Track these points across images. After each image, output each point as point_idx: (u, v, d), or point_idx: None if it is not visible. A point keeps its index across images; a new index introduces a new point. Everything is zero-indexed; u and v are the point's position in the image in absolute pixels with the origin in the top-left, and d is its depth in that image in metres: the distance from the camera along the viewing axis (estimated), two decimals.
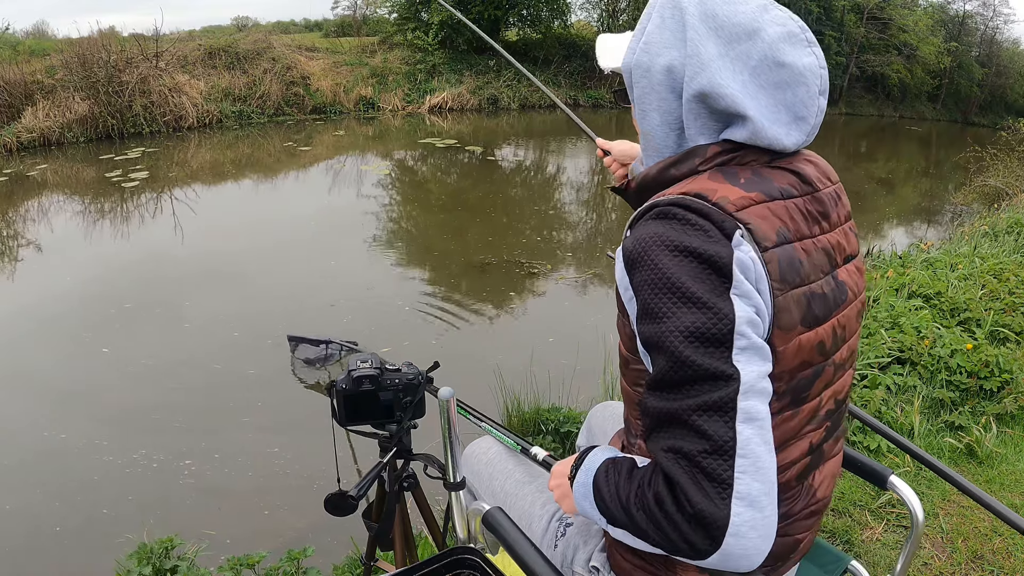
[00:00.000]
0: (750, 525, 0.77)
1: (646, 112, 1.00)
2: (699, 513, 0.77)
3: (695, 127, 0.96)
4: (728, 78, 0.91)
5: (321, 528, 2.95)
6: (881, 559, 2.34)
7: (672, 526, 0.80)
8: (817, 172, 1.01)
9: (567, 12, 21.68)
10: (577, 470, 0.97)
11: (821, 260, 0.95)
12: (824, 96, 0.94)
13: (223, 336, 4.96)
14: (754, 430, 0.79)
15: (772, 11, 0.94)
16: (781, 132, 0.93)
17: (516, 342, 4.99)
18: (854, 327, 1.04)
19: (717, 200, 0.87)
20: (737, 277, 0.82)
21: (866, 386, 3.36)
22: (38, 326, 5.16)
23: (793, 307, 0.88)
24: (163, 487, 3.36)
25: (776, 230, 0.89)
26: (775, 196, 0.92)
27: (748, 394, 0.80)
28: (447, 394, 1.19)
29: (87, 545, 2.98)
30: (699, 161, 0.94)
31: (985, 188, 11.09)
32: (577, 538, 1.18)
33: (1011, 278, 4.66)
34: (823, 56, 0.95)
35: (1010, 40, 30.30)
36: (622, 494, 0.88)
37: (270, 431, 3.80)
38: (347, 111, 16.82)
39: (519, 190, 10.97)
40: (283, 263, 6.68)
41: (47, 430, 3.81)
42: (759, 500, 0.78)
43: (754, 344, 0.82)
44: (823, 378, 0.97)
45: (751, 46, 0.91)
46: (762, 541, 0.78)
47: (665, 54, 0.96)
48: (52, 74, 13.16)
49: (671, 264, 0.83)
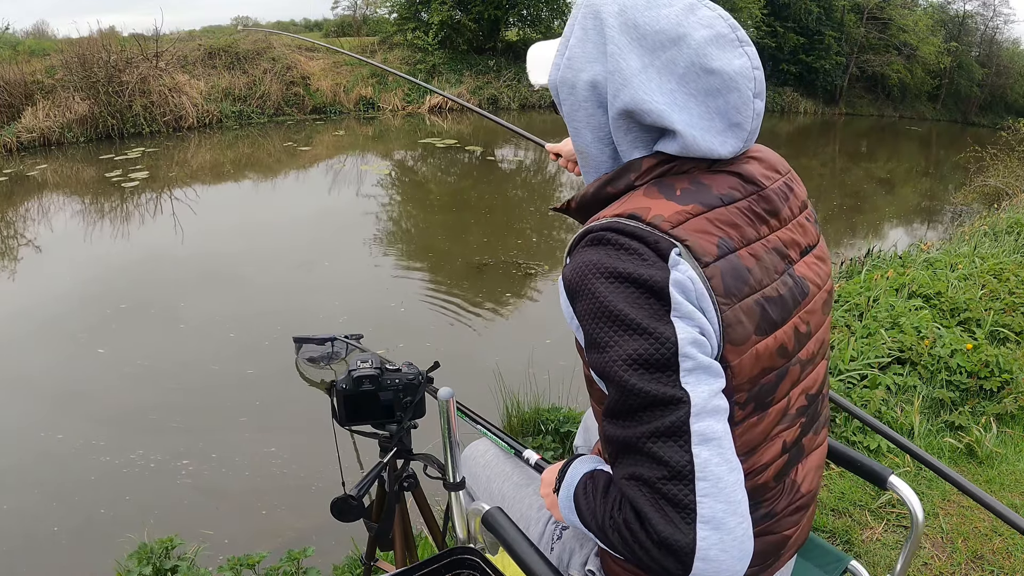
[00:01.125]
0: (719, 548, 0.77)
1: (578, 130, 0.97)
2: (664, 540, 0.77)
3: (626, 142, 0.93)
4: (653, 91, 0.87)
5: (321, 528, 2.96)
6: (881, 559, 2.34)
7: (644, 551, 0.80)
8: (762, 168, 0.97)
9: (567, 12, 21.69)
10: (560, 483, 0.97)
11: (773, 261, 0.92)
12: (760, 99, 0.90)
13: (220, 336, 4.97)
14: (711, 451, 0.78)
15: (700, 11, 0.89)
16: (716, 141, 0.89)
17: (516, 342, 4.99)
18: (820, 319, 1.00)
19: (651, 219, 0.84)
20: (676, 299, 0.80)
21: (866, 386, 3.36)
22: (36, 326, 5.16)
23: (744, 318, 0.85)
24: (161, 487, 3.35)
25: (717, 242, 0.85)
26: (714, 204, 0.88)
27: (701, 415, 0.78)
28: (447, 394, 1.19)
29: (85, 545, 2.98)
30: (635, 176, 0.91)
31: (985, 188, 11.10)
32: (573, 542, 1.18)
33: (1011, 278, 4.66)
34: (757, 56, 0.90)
35: (1010, 40, 30.39)
36: (598, 514, 0.87)
37: (267, 431, 3.80)
38: (347, 111, 16.83)
39: (519, 190, 10.97)
40: (281, 263, 6.68)
41: (44, 430, 3.81)
42: (725, 521, 0.77)
43: (701, 364, 0.80)
44: (789, 378, 0.94)
45: (676, 53, 0.87)
46: (733, 560, 0.78)
47: (588, 69, 0.92)
48: (52, 74, 13.16)
49: (608, 292, 0.81)
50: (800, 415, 0.99)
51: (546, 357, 4.37)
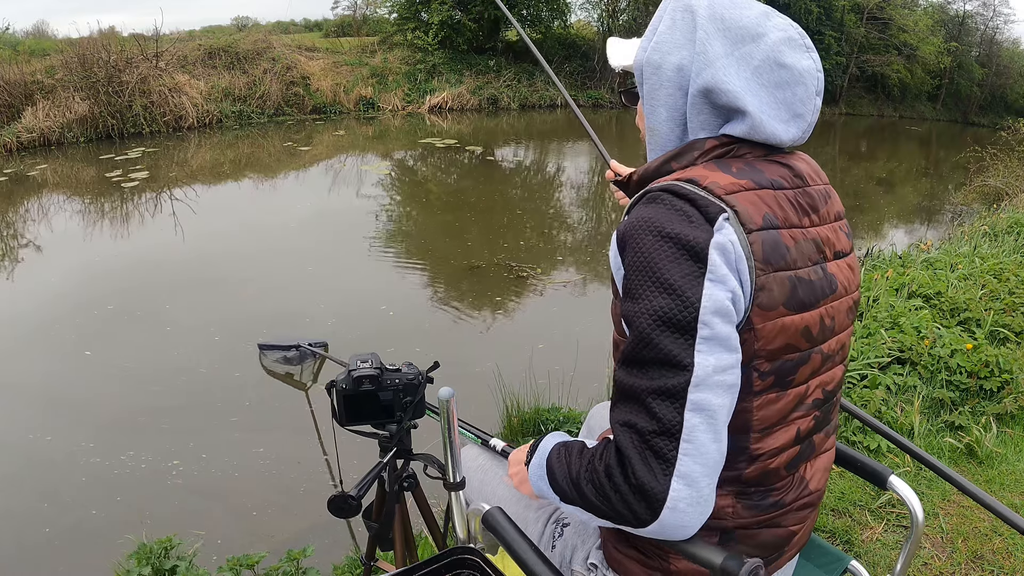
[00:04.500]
0: (687, 502, 0.86)
1: (655, 108, 1.05)
2: (641, 485, 0.86)
3: (697, 122, 1.01)
4: (732, 75, 0.96)
5: (313, 528, 2.95)
6: (881, 559, 2.34)
7: (618, 496, 0.89)
8: (809, 169, 1.07)
9: (567, 12, 21.69)
10: (532, 454, 1.07)
11: (809, 249, 0.98)
12: (820, 97, 1.01)
13: (209, 339, 4.93)
14: (702, 419, 0.86)
15: (774, 18, 1.01)
16: (779, 128, 0.98)
17: (516, 343, 4.98)
18: (845, 322, 1.06)
19: (707, 185, 0.92)
20: (713, 261, 0.87)
21: (866, 386, 3.36)
22: (30, 328, 5.14)
23: (775, 287, 0.92)
24: (151, 488, 3.34)
25: (763, 215, 0.93)
26: (764, 185, 0.97)
27: (700, 387, 0.86)
28: (446, 394, 1.19)
29: (76, 547, 2.97)
30: (697, 154, 1.00)
31: (985, 188, 11.10)
32: (575, 538, 1.20)
33: (1011, 278, 4.66)
34: (820, 61, 1.01)
35: (1010, 40, 30.32)
36: (573, 470, 0.97)
37: (256, 431, 3.79)
38: (347, 111, 16.82)
39: (519, 190, 10.97)
40: (279, 264, 6.67)
41: (32, 432, 3.79)
42: (698, 480, 0.86)
43: (718, 335, 0.87)
44: (810, 365, 0.99)
45: (755, 47, 0.97)
46: (697, 516, 0.87)
47: (676, 53, 1.01)
48: (52, 74, 13.15)
49: (652, 247, 0.89)
50: (815, 407, 1.03)
51: (546, 358, 4.37)
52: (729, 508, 0.99)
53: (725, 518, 0.99)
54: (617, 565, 1.09)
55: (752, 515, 1.01)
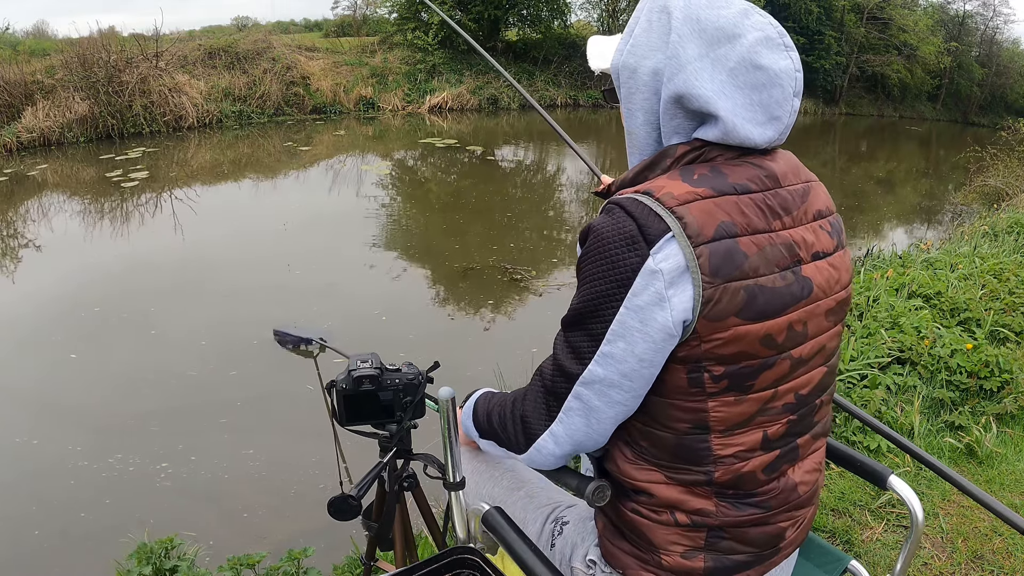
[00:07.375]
0: (548, 451, 1.04)
1: (632, 111, 1.05)
2: (526, 418, 1.06)
3: (670, 127, 1.00)
4: (705, 79, 0.95)
5: (321, 528, 2.95)
6: (881, 559, 2.34)
7: (512, 421, 1.08)
8: (786, 169, 1.03)
9: (567, 12, 21.71)
10: (465, 402, 1.25)
11: (776, 255, 0.95)
12: (798, 98, 0.99)
13: (196, 342, 4.92)
14: (580, 406, 0.99)
15: (753, 17, 0.98)
16: (754, 131, 0.96)
17: (516, 343, 4.99)
18: (824, 325, 1.03)
19: (661, 196, 0.93)
20: (635, 290, 0.91)
21: (866, 386, 3.36)
22: (28, 330, 5.13)
23: (725, 299, 0.91)
24: (141, 490, 3.34)
25: (717, 224, 0.92)
26: (726, 191, 0.94)
27: (588, 386, 0.97)
28: (447, 394, 1.19)
29: (68, 548, 2.97)
30: (670, 161, 0.99)
31: (985, 188, 11.10)
32: (575, 536, 1.21)
33: (1011, 278, 4.66)
34: (799, 60, 1.00)
35: (1010, 40, 30.36)
36: (491, 406, 1.16)
37: (247, 432, 3.80)
38: (347, 111, 16.82)
39: (519, 190, 10.97)
40: (279, 265, 6.66)
41: (19, 435, 3.78)
42: (563, 444, 1.03)
43: (614, 355, 0.94)
44: (775, 371, 0.97)
45: (730, 49, 0.95)
46: (553, 463, 1.06)
47: (652, 56, 0.99)
48: (52, 74, 13.15)
49: (591, 257, 0.95)
50: (786, 412, 1.02)
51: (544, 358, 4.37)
52: (712, 508, 1.00)
53: (709, 516, 1.00)
54: (614, 560, 1.10)
55: (737, 514, 1.01)
